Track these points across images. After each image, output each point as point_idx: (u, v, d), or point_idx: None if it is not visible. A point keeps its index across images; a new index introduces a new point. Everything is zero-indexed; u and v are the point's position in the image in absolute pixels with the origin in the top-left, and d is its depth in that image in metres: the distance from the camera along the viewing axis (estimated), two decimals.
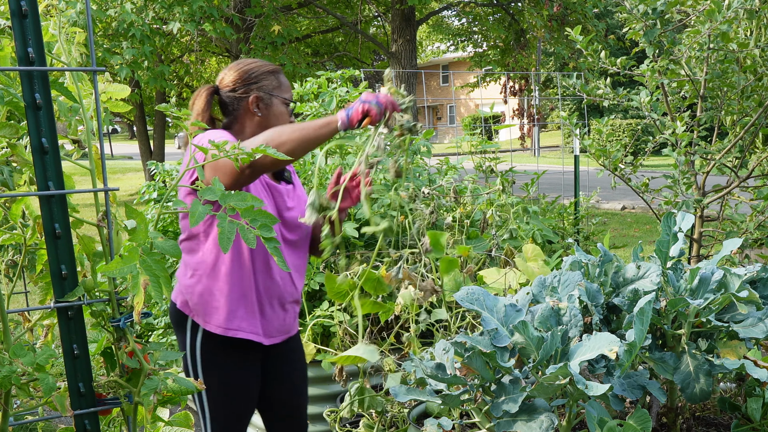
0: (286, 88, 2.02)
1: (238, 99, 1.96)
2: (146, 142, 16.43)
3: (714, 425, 2.23)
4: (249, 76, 1.97)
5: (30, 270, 1.55)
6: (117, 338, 1.32)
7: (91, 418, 1.32)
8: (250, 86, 1.96)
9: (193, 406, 2.05)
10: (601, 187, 5.71)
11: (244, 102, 1.96)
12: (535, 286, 2.05)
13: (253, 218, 1.25)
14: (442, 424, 1.84)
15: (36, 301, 1.55)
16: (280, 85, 2.00)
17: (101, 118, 1.32)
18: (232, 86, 1.97)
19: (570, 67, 11.97)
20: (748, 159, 3.62)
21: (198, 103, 1.95)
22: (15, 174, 1.41)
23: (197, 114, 1.94)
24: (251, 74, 1.97)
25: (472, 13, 13.38)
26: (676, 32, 3.25)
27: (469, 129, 4.24)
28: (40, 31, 1.20)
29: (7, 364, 1.23)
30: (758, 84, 3.18)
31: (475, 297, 1.88)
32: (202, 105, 1.94)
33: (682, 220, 2.13)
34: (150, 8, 8.39)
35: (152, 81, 8.96)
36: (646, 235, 8.38)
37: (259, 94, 1.96)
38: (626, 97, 3.35)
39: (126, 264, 1.17)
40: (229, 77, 1.98)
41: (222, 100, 2.00)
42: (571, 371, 1.59)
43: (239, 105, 1.97)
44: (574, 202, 4.94)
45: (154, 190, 3.81)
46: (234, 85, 1.96)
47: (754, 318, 1.88)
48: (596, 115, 23.89)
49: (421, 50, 31.64)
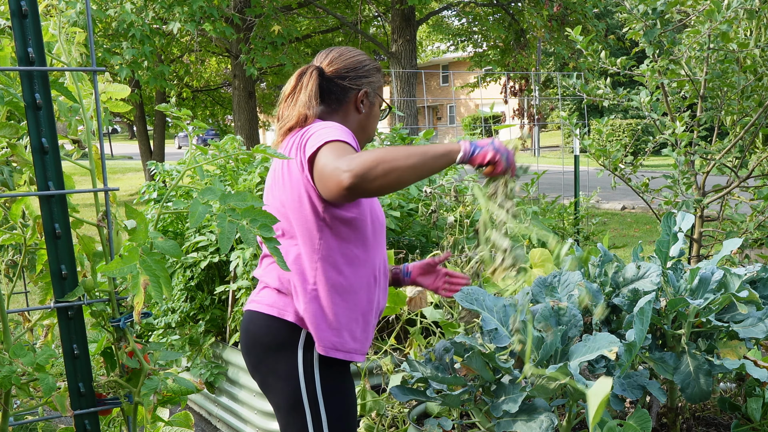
0: (382, 87, 1.86)
1: (345, 89, 1.76)
2: (146, 142, 16.44)
3: (714, 425, 2.23)
4: (362, 68, 1.78)
5: (30, 270, 1.54)
6: (117, 338, 1.32)
7: (91, 418, 1.32)
8: (361, 79, 1.77)
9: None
10: (601, 187, 5.71)
11: (352, 94, 1.76)
12: (535, 286, 2.05)
13: (253, 218, 1.25)
14: (442, 424, 1.84)
15: (36, 301, 1.55)
16: (382, 85, 1.84)
17: (101, 118, 1.32)
18: (343, 74, 1.76)
19: (570, 67, 11.97)
20: (748, 159, 3.62)
21: (311, 85, 1.72)
22: (15, 174, 1.41)
23: (310, 97, 1.70)
24: (364, 67, 1.78)
25: (472, 13, 13.37)
26: (676, 32, 3.25)
27: (469, 129, 4.24)
28: (40, 31, 1.20)
29: (7, 364, 1.23)
30: (758, 84, 3.18)
31: (474, 297, 1.89)
32: (315, 88, 1.72)
33: (682, 220, 2.13)
34: (150, 8, 8.39)
35: (152, 81, 8.96)
36: (646, 235, 8.38)
37: (368, 89, 1.78)
38: (626, 97, 3.35)
39: (126, 264, 1.17)
40: (338, 63, 1.77)
41: (322, 85, 1.77)
42: (571, 371, 1.59)
43: (345, 96, 1.76)
44: (574, 202, 4.94)
45: (154, 190, 3.82)
46: (345, 73, 1.76)
47: (754, 318, 1.88)
48: (596, 115, 23.88)
49: (421, 50, 31.63)
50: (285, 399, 1.66)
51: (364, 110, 1.79)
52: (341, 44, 14.36)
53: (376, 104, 1.82)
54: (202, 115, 17.85)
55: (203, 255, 3.36)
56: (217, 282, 3.48)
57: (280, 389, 1.67)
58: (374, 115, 1.82)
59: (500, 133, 17.84)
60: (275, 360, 1.67)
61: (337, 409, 1.67)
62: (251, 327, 1.71)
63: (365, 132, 1.82)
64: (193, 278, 3.44)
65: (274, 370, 1.67)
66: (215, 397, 3.51)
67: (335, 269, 1.64)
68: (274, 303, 1.68)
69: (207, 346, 3.39)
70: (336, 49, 1.82)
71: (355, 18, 12.77)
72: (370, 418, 2.62)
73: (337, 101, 1.77)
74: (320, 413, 1.64)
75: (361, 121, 1.79)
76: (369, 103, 1.80)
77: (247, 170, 3.61)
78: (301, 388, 1.64)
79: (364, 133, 1.82)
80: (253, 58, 9.45)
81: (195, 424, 3.60)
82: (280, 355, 1.66)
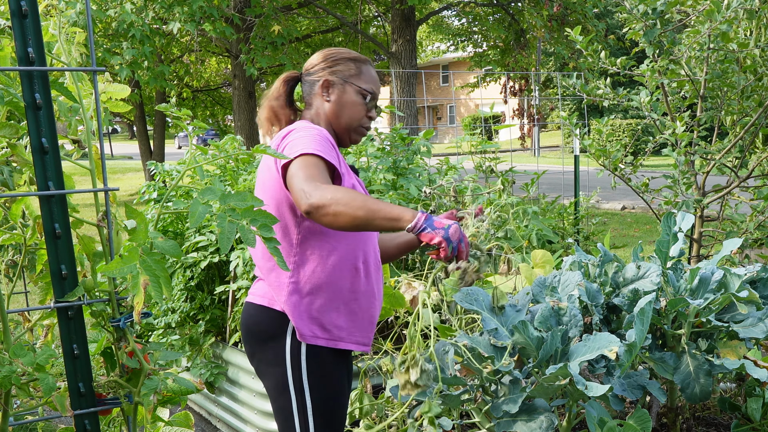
0: (368, 79, 1.86)
1: (311, 83, 1.86)
2: (146, 142, 16.44)
3: (714, 425, 2.23)
4: (328, 59, 1.86)
5: (30, 270, 1.54)
6: (117, 338, 1.32)
7: (91, 418, 1.32)
8: (325, 70, 1.84)
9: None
10: (601, 187, 5.71)
11: (317, 85, 1.84)
12: (535, 286, 2.05)
13: (253, 218, 1.25)
14: (442, 424, 1.84)
15: (36, 301, 1.55)
16: (359, 73, 1.85)
17: (101, 118, 1.32)
18: (310, 71, 1.87)
19: (570, 67, 11.97)
20: (748, 159, 3.62)
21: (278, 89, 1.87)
22: (15, 174, 1.41)
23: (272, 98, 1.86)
24: (329, 58, 1.86)
25: (472, 13, 13.37)
26: (676, 32, 3.25)
27: (469, 129, 4.24)
28: (40, 31, 1.20)
29: (7, 364, 1.23)
30: (758, 84, 3.18)
31: (474, 297, 1.89)
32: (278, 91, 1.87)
33: (682, 220, 2.13)
34: (150, 8, 8.39)
35: (152, 81, 8.96)
36: (646, 235, 8.38)
37: (330, 78, 1.83)
38: (626, 97, 3.35)
39: (126, 264, 1.17)
40: (309, 64, 1.89)
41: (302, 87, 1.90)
42: (571, 371, 1.59)
43: (311, 89, 1.86)
44: (574, 202, 4.94)
45: (154, 190, 3.82)
46: (312, 69, 1.87)
47: (754, 318, 1.88)
48: (596, 115, 23.89)
49: (421, 50, 31.63)
50: (273, 385, 1.74)
51: (331, 98, 1.83)
52: (341, 44, 14.37)
53: (348, 92, 1.83)
54: (202, 115, 17.85)
55: (203, 255, 3.36)
56: (217, 282, 3.48)
57: (270, 374, 1.75)
58: (346, 102, 1.83)
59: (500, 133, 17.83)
60: (266, 348, 1.75)
61: (323, 395, 1.72)
62: (246, 317, 1.80)
63: (340, 120, 1.84)
64: (193, 278, 3.44)
65: (265, 357, 1.75)
66: (215, 397, 3.51)
67: (312, 261, 1.71)
68: (265, 294, 1.76)
69: (207, 346, 3.39)
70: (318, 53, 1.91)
71: (355, 18, 12.78)
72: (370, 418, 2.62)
73: (308, 95, 1.86)
74: (305, 399, 1.71)
75: (331, 109, 1.83)
76: (336, 91, 1.83)
77: (247, 170, 3.61)
78: (287, 374, 1.71)
79: (340, 121, 1.84)
80: (253, 58, 9.45)
81: (195, 424, 3.60)
82: (270, 343, 1.74)
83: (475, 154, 4.07)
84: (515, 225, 3.44)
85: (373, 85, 1.87)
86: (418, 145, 3.76)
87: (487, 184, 4.08)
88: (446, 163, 4.05)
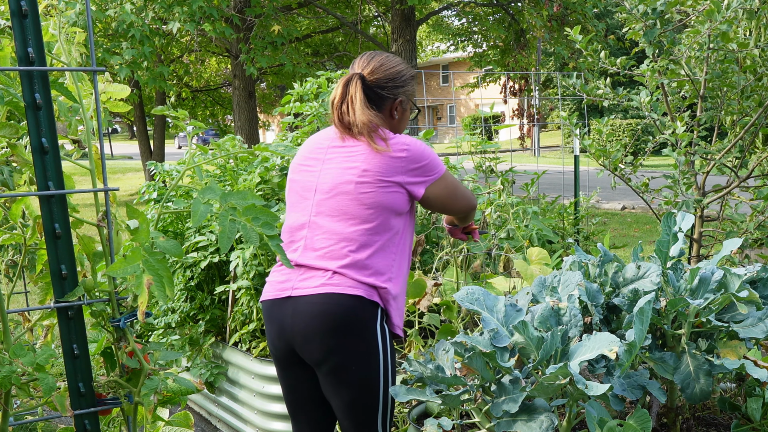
0: (415, 93, 2.07)
1: (383, 98, 1.96)
2: (146, 142, 16.43)
3: (714, 425, 2.23)
4: (400, 78, 1.97)
5: (30, 270, 1.54)
6: (117, 338, 1.32)
7: (91, 418, 1.32)
8: (398, 89, 1.97)
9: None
10: (601, 187, 5.71)
11: (389, 102, 1.97)
12: (535, 286, 2.05)
13: (255, 216, 1.25)
14: (442, 424, 1.84)
15: (36, 301, 1.55)
16: (414, 91, 2.04)
17: (101, 118, 1.32)
18: (382, 84, 1.95)
19: (570, 67, 11.97)
20: (748, 159, 3.61)
21: (359, 94, 1.91)
22: (15, 174, 1.41)
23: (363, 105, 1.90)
24: (402, 77, 1.98)
25: (472, 13, 13.37)
26: (675, 32, 3.25)
27: (469, 129, 4.24)
28: (40, 31, 1.20)
29: (7, 364, 1.23)
30: (758, 84, 3.18)
31: (475, 297, 1.88)
32: (362, 96, 1.91)
33: (682, 220, 2.13)
34: (150, 8, 8.38)
35: (151, 82, 8.95)
36: (646, 235, 8.39)
37: (402, 98, 1.99)
38: (626, 97, 3.35)
39: (129, 264, 1.17)
40: (379, 74, 1.95)
41: (365, 92, 1.95)
42: (571, 371, 1.59)
43: (383, 103, 1.97)
44: (574, 202, 4.94)
45: (154, 190, 3.82)
46: (385, 83, 1.95)
47: (754, 318, 1.88)
48: (596, 115, 23.89)
49: (421, 50, 31.63)
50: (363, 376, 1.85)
51: (397, 116, 2.01)
52: (341, 44, 14.37)
53: (408, 110, 2.05)
54: (202, 115, 17.85)
55: (203, 255, 3.36)
56: (217, 282, 3.48)
57: (362, 364, 1.84)
58: (406, 119, 2.05)
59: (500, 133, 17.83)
60: (356, 339, 1.84)
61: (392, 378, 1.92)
62: (336, 308, 1.82)
63: (397, 131, 2.04)
64: (193, 278, 3.44)
65: (356, 349, 1.84)
66: (215, 397, 3.51)
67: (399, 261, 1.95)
68: (353, 285, 1.85)
69: (207, 346, 3.39)
70: (377, 57, 1.99)
71: (355, 18, 12.78)
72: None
73: (377, 107, 1.96)
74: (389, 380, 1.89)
75: (393, 125, 2.01)
76: (402, 110, 2.01)
77: (247, 170, 3.61)
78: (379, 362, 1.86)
79: (396, 131, 2.03)
80: (253, 58, 9.44)
81: (195, 424, 3.60)
82: (364, 333, 1.85)
83: (475, 154, 4.07)
84: (515, 225, 3.44)
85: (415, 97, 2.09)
86: None
87: (487, 184, 4.08)
88: (446, 163, 4.05)
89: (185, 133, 1.62)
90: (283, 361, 1.94)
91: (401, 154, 1.86)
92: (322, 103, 3.50)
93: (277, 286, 1.89)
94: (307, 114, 3.53)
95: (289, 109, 3.61)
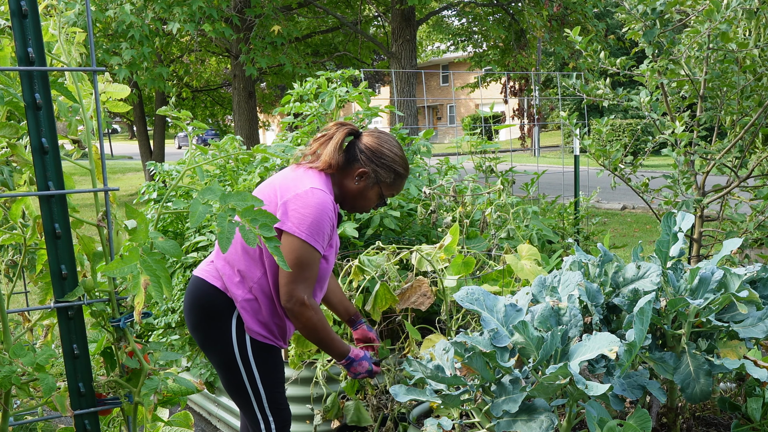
0: (394, 189, 2.13)
1: (356, 159, 2.07)
2: (146, 142, 16.43)
3: (714, 425, 2.23)
4: (379, 155, 2.07)
5: (30, 270, 1.55)
6: (117, 338, 1.32)
7: (91, 418, 1.32)
8: (373, 164, 2.06)
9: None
10: (601, 187, 5.71)
11: (357, 165, 2.06)
12: (535, 286, 2.05)
13: (253, 218, 1.25)
14: (442, 424, 1.84)
15: (36, 301, 1.55)
16: (392, 183, 2.11)
17: (101, 118, 1.32)
18: (365, 150, 2.07)
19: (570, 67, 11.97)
20: (748, 159, 3.61)
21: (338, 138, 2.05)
22: (15, 174, 1.41)
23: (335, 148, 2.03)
24: (383, 156, 2.07)
25: (472, 13, 13.38)
26: (675, 32, 3.25)
27: (469, 129, 4.24)
28: (40, 31, 1.20)
29: (7, 364, 1.23)
30: (758, 84, 3.18)
31: (475, 297, 1.88)
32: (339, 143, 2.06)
33: (682, 220, 2.13)
34: (149, 9, 8.38)
35: (150, 82, 8.95)
36: (646, 235, 8.38)
37: (370, 172, 2.06)
38: (626, 97, 3.35)
39: (127, 264, 1.17)
40: (370, 139, 2.09)
41: (350, 146, 2.10)
42: (571, 371, 1.59)
43: (352, 164, 2.07)
44: (574, 202, 4.94)
45: (154, 190, 3.81)
46: (369, 152, 2.07)
47: (754, 318, 1.88)
48: (596, 115, 23.88)
49: (421, 50, 31.61)
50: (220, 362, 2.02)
51: (357, 185, 2.07)
52: (341, 44, 14.37)
53: (373, 190, 2.09)
54: (202, 115, 17.84)
55: (203, 255, 3.35)
56: None
57: (216, 352, 2.02)
58: (365, 196, 2.10)
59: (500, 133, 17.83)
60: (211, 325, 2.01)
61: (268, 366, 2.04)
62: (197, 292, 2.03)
63: (353, 203, 2.11)
64: None
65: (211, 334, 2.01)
66: (215, 397, 3.51)
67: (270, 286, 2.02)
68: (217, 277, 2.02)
69: None
70: (387, 135, 2.14)
71: (355, 18, 12.78)
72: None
73: (347, 162, 2.07)
74: (253, 371, 2.00)
75: (352, 191, 2.09)
76: (364, 183, 2.07)
77: (247, 170, 3.61)
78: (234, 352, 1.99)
79: (352, 203, 2.11)
80: (253, 58, 9.44)
81: (195, 424, 3.60)
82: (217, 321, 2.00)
83: (475, 154, 4.07)
84: (515, 225, 3.44)
85: (395, 193, 2.15)
86: (418, 145, 3.76)
87: (487, 184, 4.08)
88: (446, 163, 4.05)
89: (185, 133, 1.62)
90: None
91: (295, 192, 1.94)
92: (321, 104, 3.49)
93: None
94: (307, 114, 3.53)
95: (289, 109, 3.60)
